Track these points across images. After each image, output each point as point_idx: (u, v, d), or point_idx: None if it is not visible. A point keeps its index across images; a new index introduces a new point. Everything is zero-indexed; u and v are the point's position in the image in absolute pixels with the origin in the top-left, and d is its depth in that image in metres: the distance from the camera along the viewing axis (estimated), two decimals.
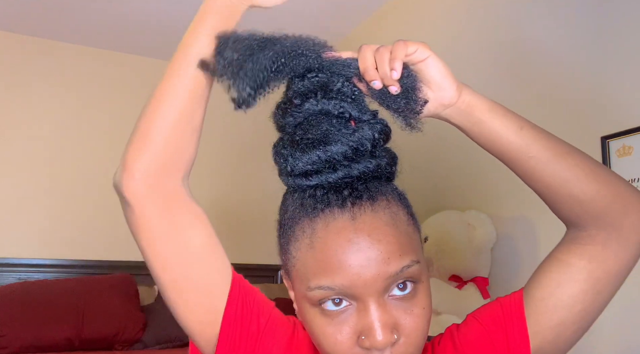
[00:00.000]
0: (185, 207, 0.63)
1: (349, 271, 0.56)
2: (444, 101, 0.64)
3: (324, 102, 0.61)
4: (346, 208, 0.59)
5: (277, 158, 0.63)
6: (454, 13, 2.42)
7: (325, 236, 0.58)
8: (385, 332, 0.56)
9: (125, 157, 0.62)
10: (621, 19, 1.67)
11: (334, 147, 0.59)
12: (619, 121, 1.65)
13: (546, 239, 1.85)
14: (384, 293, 0.58)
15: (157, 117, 0.62)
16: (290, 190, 0.65)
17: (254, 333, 0.65)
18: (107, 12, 2.97)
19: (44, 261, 3.08)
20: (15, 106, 3.16)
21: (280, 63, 0.60)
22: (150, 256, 0.62)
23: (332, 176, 0.60)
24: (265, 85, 0.59)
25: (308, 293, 0.59)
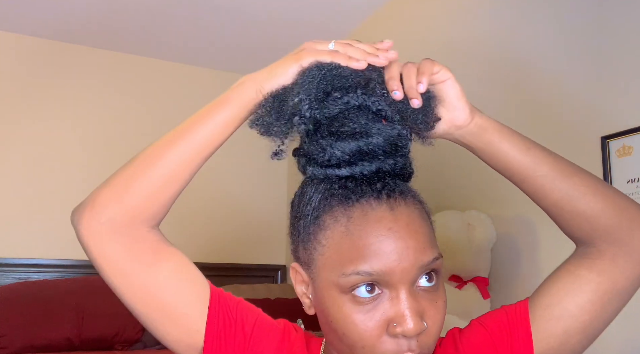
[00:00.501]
0: (148, 248, 0.64)
1: (389, 258, 0.59)
2: (457, 122, 0.67)
3: (364, 98, 0.63)
4: (383, 199, 0.61)
5: (312, 148, 0.64)
6: (453, 13, 2.42)
7: (364, 223, 0.60)
8: (417, 320, 0.58)
9: (96, 197, 0.63)
10: (621, 18, 1.67)
11: (375, 139, 0.62)
12: (619, 121, 1.65)
13: (546, 239, 1.85)
14: (415, 282, 0.61)
15: (144, 178, 0.63)
16: (314, 182, 0.66)
17: (240, 343, 0.66)
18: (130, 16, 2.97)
19: (44, 261, 3.07)
20: (21, 108, 3.16)
21: (323, 73, 0.63)
22: (120, 290, 0.64)
23: (367, 168, 0.62)
24: (318, 99, 0.62)
25: (341, 279, 0.60)
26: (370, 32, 3.01)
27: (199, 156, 0.65)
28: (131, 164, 0.65)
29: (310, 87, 0.62)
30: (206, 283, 0.68)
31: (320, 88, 0.62)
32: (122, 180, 0.64)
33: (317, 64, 0.63)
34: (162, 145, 0.65)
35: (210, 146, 0.66)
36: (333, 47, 0.65)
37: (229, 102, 0.66)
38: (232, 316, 0.67)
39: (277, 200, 3.79)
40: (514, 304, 0.70)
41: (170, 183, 0.64)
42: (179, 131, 0.65)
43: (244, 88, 0.66)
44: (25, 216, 3.08)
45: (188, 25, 3.14)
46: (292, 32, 3.17)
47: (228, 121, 0.65)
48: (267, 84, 0.65)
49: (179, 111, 3.41)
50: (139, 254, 0.63)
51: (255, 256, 3.64)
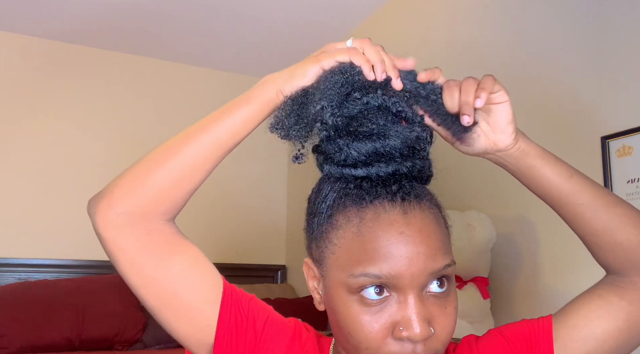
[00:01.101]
0: (162, 241, 0.64)
1: (398, 262, 0.58)
2: (500, 145, 0.67)
3: (384, 99, 0.62)
4: (396, 202, 0.61)
5: (329, 146, 0.63)
6: (453, 13, 2.42)
7: (375, 226, 0.60)
8: (423, 325, 0.58)
9: (113, 189, 0.63)
10: (621, 18, 1.67)
11: (392, 141, 0.61)
12: (619, 121, 1.65)
13: (546, 239, 1.85)
14: (424, 287, 0.60)
15: (161, 172, 0.63)
16: (331, 179, 0.65)
17: (250, 340, 0.66)
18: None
19: (44, 261, 3.08)
20: (22, 108, 3.16)
21: (345, 78, 0.63)
22: (133, 282, 0.64)
23: (384, 169, 0.62)
24: (339, 103, 0.62)
25: (350, 280, 0.60)
26: (370, 32, 3.01)
27: (217, 153, 0.65)
28: (149, 157, 0.65)
29: (333, 93, 0.62)
30: (220, 278, 0.67)
31: (341, 93, 0.62)
32: (139, 173, 0.64)
33: (340, 68, 0.63)
34: (181, 140, 0.65)
35: (228, 144, 0.66)
36: (350, 45, 0.65)
37: (249, 101, 0.66)
38: (244, 313, 0.66)
39: (277, 200, 3.79)
40: (537, 319, 0.70)
41: (186, 178, 0.64)
42: (198, 126, 0.66)
43: (264, 88, 0.66)
44: (25, 216, 3.08)
45: (189, 26, 3.14)
46: (292, 32, 3.17)
47: (247, 119, 0.65)
48: (288, 85, 0.64)
49: (183, 111, 3.42)
50: (153, 246, 0.63)
51: (255, 256, 3.64)
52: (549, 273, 1.84)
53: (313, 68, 0.64)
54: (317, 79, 0.64)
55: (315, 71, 0.64)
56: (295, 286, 3.54)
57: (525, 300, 1.93)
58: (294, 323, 0.72)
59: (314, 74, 0.64)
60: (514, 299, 1.97)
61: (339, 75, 0.63)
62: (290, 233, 3.74)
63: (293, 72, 0.65)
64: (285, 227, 3.79)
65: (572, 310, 0.68)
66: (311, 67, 0.64)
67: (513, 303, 1.97)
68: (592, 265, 0.74)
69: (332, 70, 0.63)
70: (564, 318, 0.68)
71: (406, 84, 0.65)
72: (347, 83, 0.62)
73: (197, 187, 0.66)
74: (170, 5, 2.91)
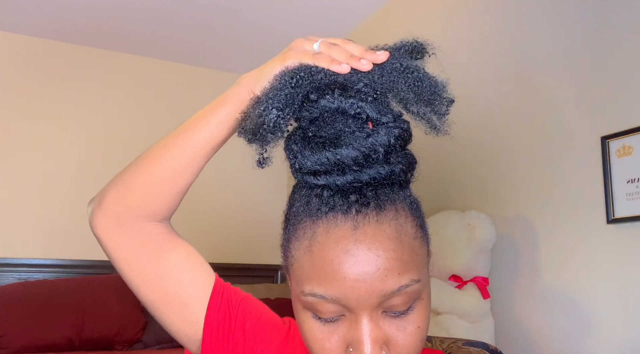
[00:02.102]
0: (152, 241, 0.66)
1: (343, 284, 0.54)
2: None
3: (340, 100, 0.57)
4: (350, 215, 0.56)
5: (288, 153, 0.60)
6: (453, 13, 2.42)
7: (324, 242, 0.56)
8: (375, 347, 0.55)
9: (104, 194, 0.66)
10: (621, 18, 1.67)
11: (344, 150, 0.55)
12: (619, 121, 1.65)
13: (546, 239, 1.85)
14: (377, 308, 0.56)
15: (144, 177, 0.65)
16: (300, 185, 0.62)
17: (239, 339, 0.67)
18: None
19: (44, 261, 3.08)
20: (21, 108, 3.16)
21: (299, 77, 0.58)
22: (127, 278, 0.67)
23: (340, 179, 0.56)
24: (289, 104, 0.57)
25: (301, 297, 0.57)
26: (370, 32, 3.01)
27: (199, 156, 0.65)
28: (134, 163, 0.67)
29: (279, 94, 0.58)
30: (212, 275, 0.68)
31: (294, 93, 0.58)
32: (125, 178, 0.66)
33: (295, 68, 0.59)
34: (163, 145, 0.66)
35: (209, 146, 0.65)
36: (317, 48, 0.61)
37: (225, 103, 0.65)
38: (232, 312, 0.67)
39: (277, 200, 3.79)
40: None
41: (170, 182, 0.65)
42: (179, 131, 0.66)
43: (238, 89, 0.64)
44: (25, 216, 3.08)
45: (188, 26, 3.14)
46: (292, 32, 3.17)
47: (224, 121, 0.64)
48: (257, 85, 0.62)
49: (183, 111, 3.40)
50: (142, 247, 0.66)
51: (255, 256, 3.64)
52: (549, 273, 1.84)
53: (277, 68, 0.61)
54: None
55: (279, 70, 0.61)
56: None
57: (525, 300, 1.93)
58: (289, 323, 0.72)
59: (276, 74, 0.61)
60: (514, 299, 1.97)
61: (290, 75, 0.58)
62: None
63: (261, 71, 0.63)
64: None
65: None
66: (276, 68, 0.61)
67: (513, 303, 1.97)
68: (592, 265, 0.74)
69: (284, 70, 0.60)
70: None
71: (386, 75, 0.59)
72: (299, 84, 0.58)
73: (183, 191, 0.66)
74: (172, 6, 2.91)
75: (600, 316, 1.64)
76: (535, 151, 1.88)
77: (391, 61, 0.59)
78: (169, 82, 3.59)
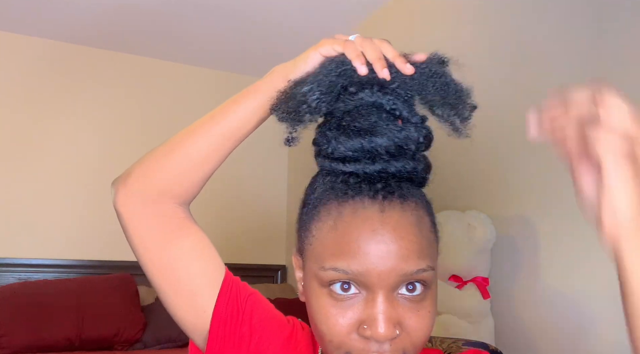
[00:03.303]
0: (172, 223, 0.67)
1: (367, 259, 0.57)
2: (599, 228, 0.55)
3: (378, 95, 0.61)
4: (377, 200, 0.60)
5: (320, 139, 0.64)
6: (453, 13, 2.42)
7: (351, 221, 0.59)
8: (388, 326, 0.57)
9: (131, 171, 0.68)
10: (621, 18, 1.67)
11: (379, 139, 0.60)
12: None
13: (546, 239, 1.85)
14: (395, 288, 0.58)
15: (174, 157, 0.67)
16: (323, 173, 0.65)
17: (245, 333, 0.67)
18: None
19: (44, 261, 3.08)
20: (24, 109, 3.16)
21: (344, 68, 0.62)
22: (140, 258, 0.67)
23: (370, 167, 0.61)
24: (330, 92, 0.61)
25: (320, 272, 0.59)
26: (370, 32, 3.01)
27: (229, 142, 0.68)
28: (165, 144, 0.69)
29: (324, 79, 0.62)
30: (222, 267, 0.69)
31: (336, 82, 0.62)
32: (155, 157, 0.68)
33: (341, 58, 0.63)
34: (195, 128, 0.68)
35: (239, 133, 0.68)
36: (353, 38, 0.65)
37: (258, 90, 0.67)
38: (241, 306, 0.68)
39: (277, 200, 3.79)
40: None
41: (197, 165, 0.67)
42: (211, 116, 0.68)
43: (272, 77, 0.67)
44: (25, 216, 3.08)
45: (195, 27, 3.14)
46: (292, 32, 3.17)
47: (256, 108, 0.67)
48: (292, 74, 0.66)
49: (190, 112, 3.40)
50: (163, 227, 0.66)
51: (255, 256, 3.64)
52: (549, 273, 1.84)
53: (313, 54, 0.65)
54: (316, 66, 0.65)
55: (315, 57, 0.65)
56: (295, 286, 3.53)
57: (525, 300, 1.93)
58: (293, 322, 0.73)
59: (313, 59, 0.65)
60: (514, 299, 1.97)
61: (335, 64, 0.63)
62: (290, 233, 3.74)
63: (297, 60, 0.67)
64: (285, 227, 3.79)
65: None
66: (311, 53, 0.65)
67: (513, 303, 1.97)
68: (592, 265, 0.74)
69: (332, 58, 0.64)
70: None
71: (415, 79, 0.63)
72: (344, 73, 0.62)
73: (208, 175, 0.69)
74: (181, 8, 2.91)
75: (600, 316, 1.64)
76: (536, 150, 1.88)
77: (421, 66, 0.64)
78: (174, 83, 3.59)
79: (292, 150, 3.83)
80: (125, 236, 0.68)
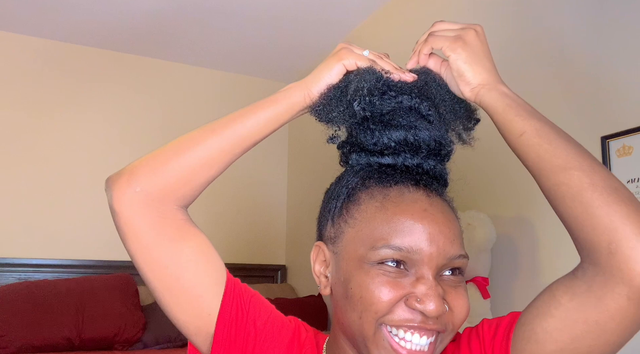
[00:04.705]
0: (173, 225, 0.66)
1: (421, 237, 0.60)
2: (465, 95, 0.70)
3: (417, 101, 0.66)
4: (420, 186, 0.64)
5: (361, 132, 0.67)
6: (453, 13, 2.42)
7: (400, 201, 0.62)
8: (440, 302, 0.58)
9: (134, 168, 0.65)
10: (621, 18, 1.67)
11: (422, 133, 0.65)
12: (619, 121, 1.65)
13: (546, 239, 1.85)
14: (441, 270, 0.61)
15: (182, 158, 0.66)
16: (354, 169, 0.68)
17: (250, 335, 0.67)
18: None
19: (44, 261, 3.08)
20: (25, 110, 3.16)
21: (380, 75, 0.68)
22: (140, 262, 0.65)
23: (409, 160, 0.65)
24: (372, 94, 0.66)
25: (370, 253, 0.60)
26: (371, 32, 3.02)
27: (237, 147, 0.68)
28: (174, 143, 0.68)
29: (369, 78, 0.66)
30: (224, 270, 0.68)
31: (377, 85, 0.66)
32: (163, 156, 0.66)
33: (371, 69, 0.67)
34: (206, 131, 0.68)
35: (249, 140, 0.68)
36: (368, 55, 0.69)
37: (276, 102, 0.69)
38: (245, 307, 0.67)
39: (277, 200, 3.79)
40: (506, 317, 0.66)
41: (205, 168, 0.67)
42: (223, 121, 0.69)
43: (290, 92, 0.69)
44: (25, 216, 3.08)
45: (203, 29, 3.14)
46: (293, 33, 3.17)
47: (271, 119, 0.68)
48: (315, 87, 0.68)
49: (196, 114, 3.41)
50: (164, 229, 0.65)
51: (255, 256, 3.64)
52: (549, 273, 1.84)
53: (336, 65, 0.68)
54: (343, 77, 0.69)
55: (338, 68, 0.68)
56: (295, 286, 3.54)
57: (525, 300, 1.91)
58: (295, 322, 0.72)
59: (337, 70, 0.68)
60: (514, 299, 1.97)
61: (374, 70, 0.67)
62: (290, 233, 3.74)
63: (318, 74, 0.69)
64: (285, 227, 3.79)
65: (528, 306, 0.63)
66: (335, 65, 0.68)
67: (513, 303, 1.97)
68: None
69: (366, 68, 0.68)
70: (523, 315, 0.63)
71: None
72: (380, 79, 0.66)
73: (212, 179, 0.69)
74: (188, 9, 2.91)
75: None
76: None
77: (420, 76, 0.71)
78: (185, 85, 3.59)
79: (292, 150, 3.83)
80: (121, 236, 0.66)
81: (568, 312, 0.57)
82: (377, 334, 0.60)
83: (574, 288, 0.57)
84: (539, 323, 0.59)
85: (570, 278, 0.59)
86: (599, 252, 0.55)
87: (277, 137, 3.69)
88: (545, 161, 0.60)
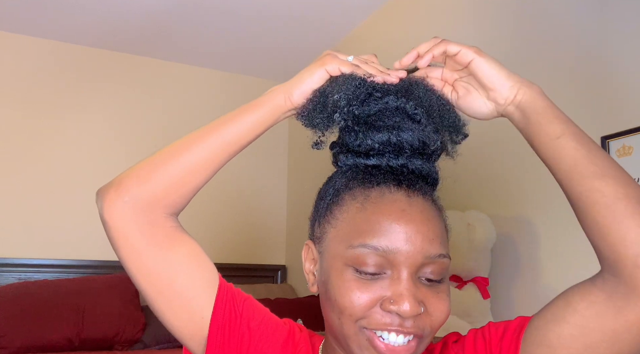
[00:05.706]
0: (163, 232, 0.66)
1: (397, 237, 0.60)
2: (499, 100, 0.70)
3: (402, 101, 0.66)
4: (402, 187, 0.64)
5: (347, 135, 0.68)
6: (453, 13, 2.42)
7: (379, 202, 0.62)
8: (414, 303, 0.58)
9: (123, 178, 0.66)
10: (621, 18, 1.67)
11: (405, 134, 0.65)
12: (619, 121, 1.65)
13: (546, 239, 1.85)
14: (418, 270, 0.61)
15: (169, 166, 0.67)
16: (343, 170, 0.69)
17: (244, 336, 0.67)
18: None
19: (44, 261, 3.08)
20: (26, 110, 3.16)
21: (362, 79, 0.68)
22: (132, 269, 0.66)
23: (393, 161, 0.65)
24: (356, 98, 0.67)
25: (348, 251, 0.61)
26: (371, 32, 3.02)
27: (224, 153, 0.69)
28: (160, 152, 0.69)
29: (349, 87, 0.66)
30: (216, 275, 0.69)
31: (359, 91, 0.66)
32: (150, 165, 0.67)
33: (354, 73, 0.67)
34: (192, 138, 0.68)
35: (235, 145, 0.69)
36: (352, 61, 0.70)
37: (259, 106, 0.69)
38: (238, 310, 0.68)
39: (277, 200, 3.79)
40: (514, 320, 0.67)
41: (193, 175, 0.67)
42: (209, 127, 0.69)
43: (273, 95, 0.70)
44: (25, 216, 3.08)
45: (202, 29, 3.14)
46: (293, 33, 3.17)
47: (256, 123, 0.69)
48: (296, 90, 0.68)
49: (203, 116, 3.41)
50: (154, 237, 0.65)
51: (255, 256, 3.64)
52: (549, 273, 1.84)
53: (319, 70, 0.68)
54: (325, 81, 0.69)
55: (320, 73, 0.68)
56: (295, 286, 3.54)
57: (525, 300, 1.93)
58: (289, 324, 0.73)
59: (319, 76, 0.68)
60: (514, 299, 1.97)
61: (355, 76, 0.67)
62: (290, 233, 3.74)
63: (300, 77, 0.69)
64: (285, 227, 3.79)
65: (542, 310, 0.64)
66: (317, 70, 0.68)
67: (513, 303, 1.97)
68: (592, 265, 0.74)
69: (348, 74, 0.68)
70: (535, 319, 0.64)
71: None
72: (363, 83, 0.66)
73: (201, 186, 0.69)
74: (188, 9, 2.91)
75: None
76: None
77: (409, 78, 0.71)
78: (186, 86, 3.59)
79: (292, 150, 3.83)
80: (114, 248, 0.67)
81: (584, 320, 0.57)
82: (358, 333, 0.61)
83: (592, 297, 0.58)
84: (552, 329, 0.60)
85: (588, 286, 0.59)
86: (624, 264, 0.55)
87: (278, 138, 3.69)
88: (582, 166, 0.60)
